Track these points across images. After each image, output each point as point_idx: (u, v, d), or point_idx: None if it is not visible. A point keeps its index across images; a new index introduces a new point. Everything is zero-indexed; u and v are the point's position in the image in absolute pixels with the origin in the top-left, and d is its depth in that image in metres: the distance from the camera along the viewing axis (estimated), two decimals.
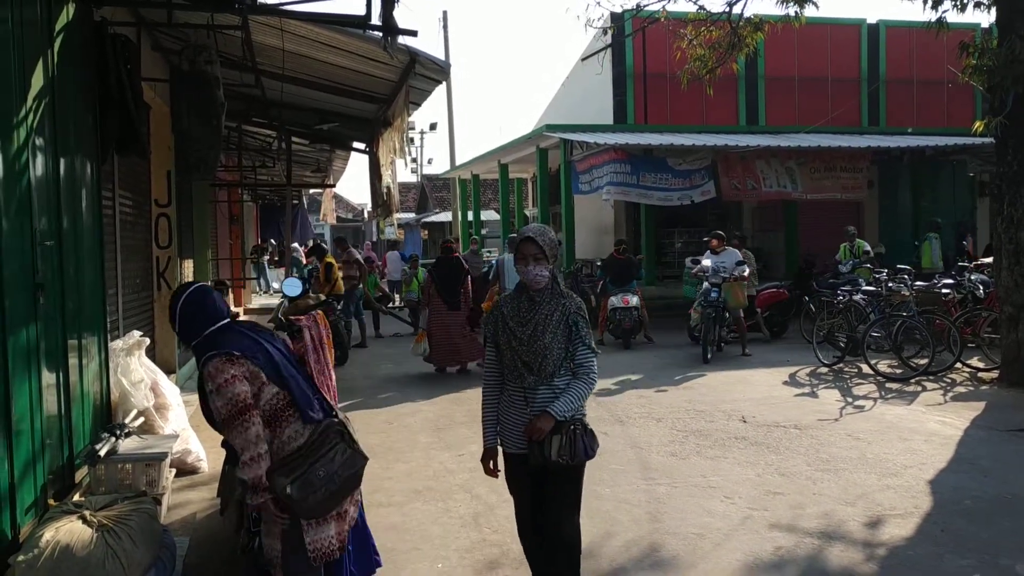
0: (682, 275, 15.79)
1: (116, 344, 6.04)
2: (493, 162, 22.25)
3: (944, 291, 11.22)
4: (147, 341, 6.44)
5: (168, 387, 6.51)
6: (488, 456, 3.88)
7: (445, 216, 38.42)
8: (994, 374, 9.82)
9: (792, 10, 10.96)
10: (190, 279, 10.13)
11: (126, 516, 3.82)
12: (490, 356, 3.87)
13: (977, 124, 9.91)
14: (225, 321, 3.42)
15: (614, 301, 12.94)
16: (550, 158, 18.88)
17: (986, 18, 21.53)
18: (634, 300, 12.99)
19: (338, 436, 3.37)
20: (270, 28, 7.06)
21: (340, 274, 13.47)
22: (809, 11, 11.06)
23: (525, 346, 3.65)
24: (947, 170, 19.17)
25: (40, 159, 4.37)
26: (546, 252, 3.67)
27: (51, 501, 4.25)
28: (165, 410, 6.23)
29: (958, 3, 10.06)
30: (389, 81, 8.49)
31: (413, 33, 6.01)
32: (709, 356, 11.44)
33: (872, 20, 22.11)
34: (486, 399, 3.88)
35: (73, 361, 4.85)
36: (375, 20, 5.48)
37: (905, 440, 7.17)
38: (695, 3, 11.29)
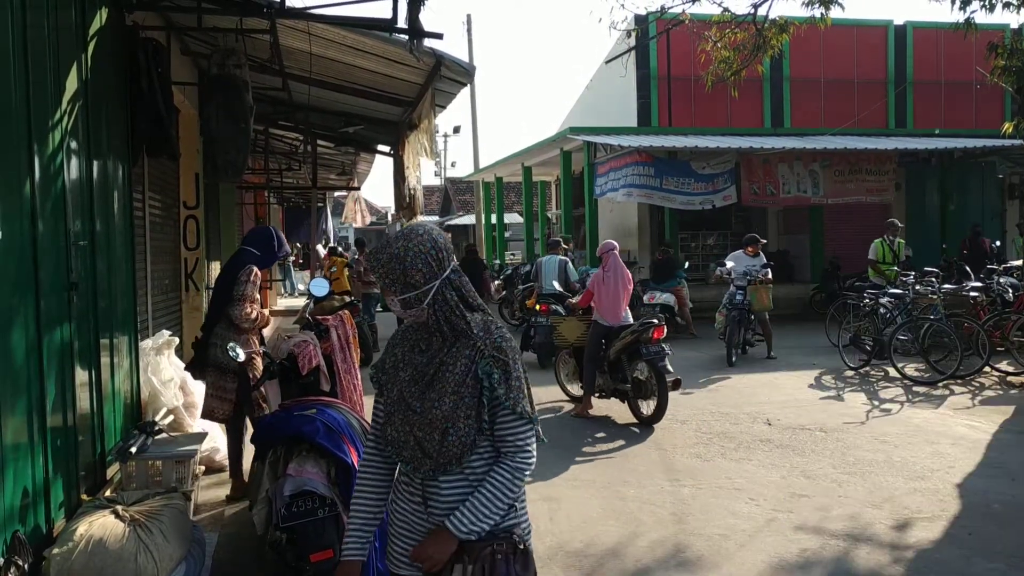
0: (706, 277, 15.76)
1: (146, 343, 6.13)
2: (516, 165, 22.29)
3: (972, 294, 11.10)
4: (176, 340, 6.53)
5: (197, 386, 6.59)
6: (345, 573, 2.46)
7: (468, 219, 38.53)
8: (1023, 378, 9.70)
9: (818, 11, 10.89)
10: None
11: (157, 511, 3.88)
12: (376, 413, 2.53)
13: (1006, 125, 9.81)
14: None
15: (644, 299, 13.56)
16: (574, 161, 18.88)
17: (1015, 18, 21.31)
18: (660, 297, 13.68)
19: None
20: (298, 32, 7.13)
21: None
22: (835, 12, 10.97)
23: (418, 414, 2.33)
24: (976, 172, 18.98)
25: (74, 161, 4.45)
26: (386, 279, 2.35)
27: (84, 496, 4.32)
28: (194, 408, 6.30)
29: (987, 3, 9.96)
30: (414, 84, 8.54)
31: (439, 36, 6.05)
32: (734, 359, 11.40)
33: (899, 21, 21.90)
34: (360, 480, 2.54)
35: (105, 360, 4.94)
36: (401, 23, 5.54)
37: (932, 443, 7.11)
38: (719, 5, 11.25)
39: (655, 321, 7.97)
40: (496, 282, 17.83)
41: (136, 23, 5.83)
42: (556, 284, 11.57)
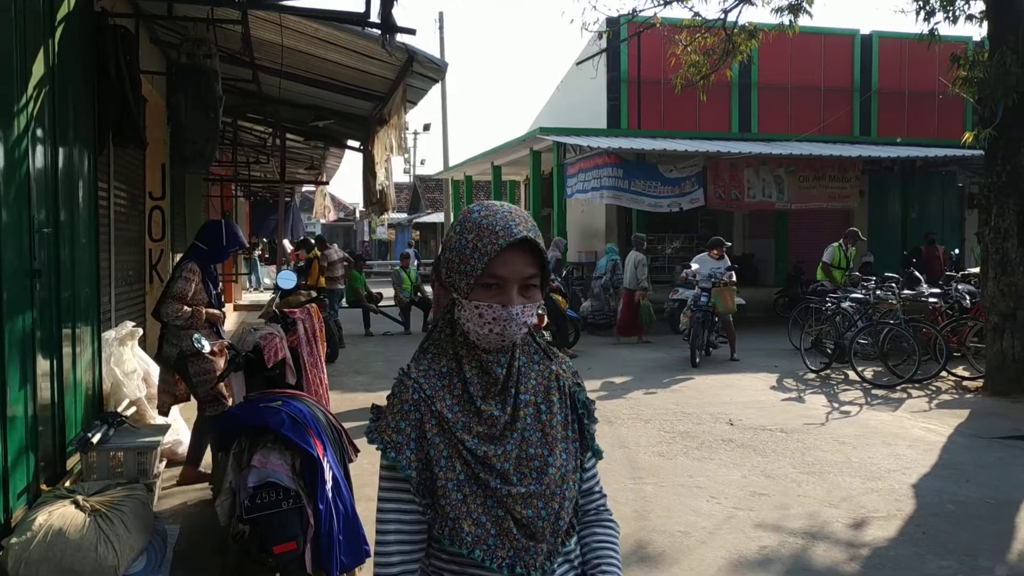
0: (672, 279, 16.02)
1: (109, 334, 6.06)
2: (486, 164, 22.31)
3: (931, 300, 11.33)
4: (140, 332, 6.46)
5: None
6: None
7: (437, 217, 38.46)
8: (979, 383, 9.92)
9: (786, 19, 11.06)
10: None
11: (119, 502, 3.85)
12: (399, 520, 1.71)
13: (967, 135, 10.01)
14: None
15: (668, 295, 15.35)
16: (543, 161, 18.94)
17: (978, 31, 21.73)
18: (683, 293, 14.68)
19: None
20: (269, 23, 7.09)
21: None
22: (803, 20, 11.17)
23: (515, 485, 1.58)
24: (936, 181, 19.37)
25: (39, 148, 4.39)
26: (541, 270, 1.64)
27: (43, 486, 4.27)
28: (156, 400, 6.25)
29: (950, 16, 10.18)
30: (386, 79, 8.53)
31: (411, 31, 6.05)
32: (697, 360, 11.52)
33: (865, 31, 22.27)
34: None
35: (67, 350, 4.88)
36: (374, 18, 5.52)
37: (889, 445, 7.26)
38: (690, 9, 11.38)
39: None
40: None
41: (105, 9, 5.76)
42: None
